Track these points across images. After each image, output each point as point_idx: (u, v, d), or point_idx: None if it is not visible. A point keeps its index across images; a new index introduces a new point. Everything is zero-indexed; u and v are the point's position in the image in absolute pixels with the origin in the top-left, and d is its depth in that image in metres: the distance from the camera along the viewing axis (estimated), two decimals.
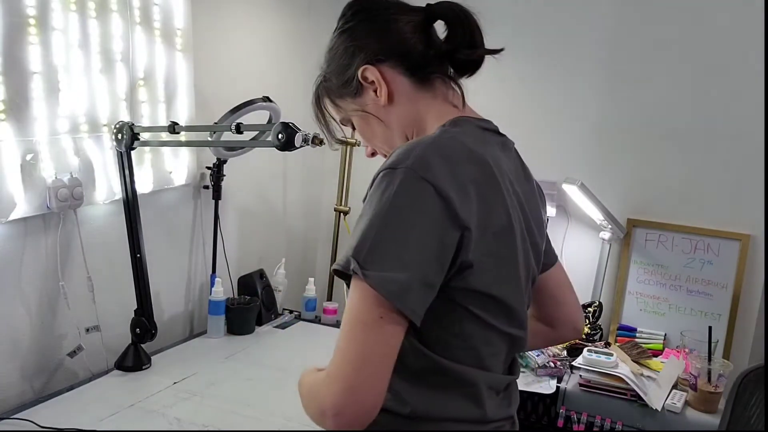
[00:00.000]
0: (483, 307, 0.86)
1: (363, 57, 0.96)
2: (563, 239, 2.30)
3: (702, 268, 2.13)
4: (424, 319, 0.81)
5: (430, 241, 0.78)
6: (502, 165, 0.91)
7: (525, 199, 0.95)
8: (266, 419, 1.49)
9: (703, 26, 2.09)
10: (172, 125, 1.59)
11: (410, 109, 0.97)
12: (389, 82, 0.95)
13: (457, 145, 0.85)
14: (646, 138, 2.20)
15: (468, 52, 0.95)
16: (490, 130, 0.95)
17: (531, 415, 1.91)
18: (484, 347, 0.89)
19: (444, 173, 0.80)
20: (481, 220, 0.82)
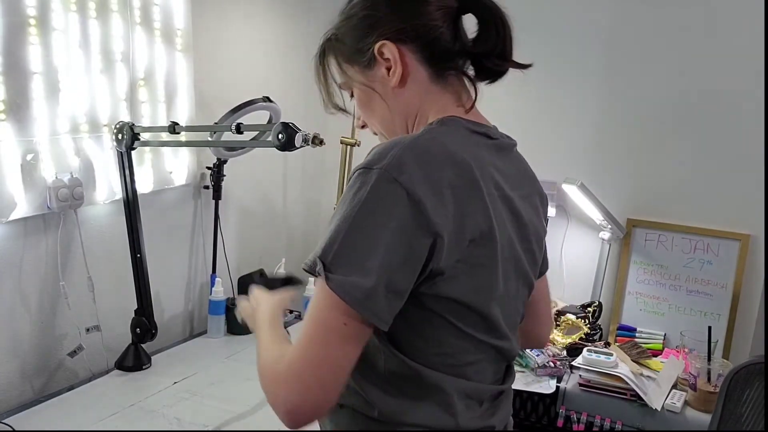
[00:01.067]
0: (457, 315, 0.84)
1: (384, 31, 0.90)
2: (563, 239, 2.31)
3: (702, 268, 2.13)
4: (397, 323, 0.80)
5: (399, 247, 0.76)
6: (489, 168, 0.86)
7: (521, 205, 0.92)
8: (266, 419, 1.49)
9: (703, 26, 2.09)
10: (173, 125, 1.59)
11: (418, 99, 0.92)
12: (405, 65, 0.90)
13: (436, 147, 0.81)
14: (646, 138, 2.20)
15: (497, 62, 0.91)
16: (479, 132, 0.90)
17: (531, 415, 1.91)
18: (460, 355, 0.87)
19: (419, 177, 0.77)
20: (457, 227, 0.79)
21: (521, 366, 1.96)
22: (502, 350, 0.92)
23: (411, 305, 0.81)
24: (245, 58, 2.20)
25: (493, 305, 0.87)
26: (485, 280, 0.85)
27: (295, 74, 2.39)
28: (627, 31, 2.17)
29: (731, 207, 2.11)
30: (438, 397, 0.86)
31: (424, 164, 0.78)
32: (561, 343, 2.06)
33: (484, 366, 0.91)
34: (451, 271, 0.80)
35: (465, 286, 0.82)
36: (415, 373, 0.85)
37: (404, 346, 0.85)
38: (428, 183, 0.77)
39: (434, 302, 0.82)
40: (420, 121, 0.93)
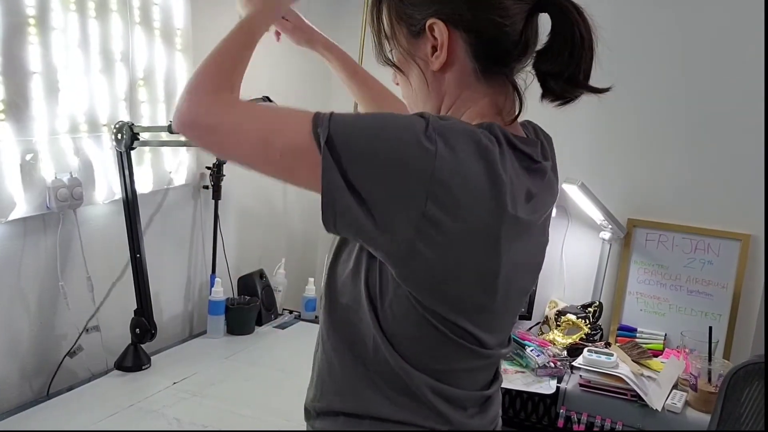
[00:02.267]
0: (449, 327, 0.83)
1: (444, 10, 0.82)
2: (563, 239, 2.30)
3: (702, 268, 2.13)
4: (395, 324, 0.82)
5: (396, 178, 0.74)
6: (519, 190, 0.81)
7: (538, 227, 0.89)
8: (266, 419, 1.49)
9: (703, 26, 2.09)
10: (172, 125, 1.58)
11: (456, 91, 0.86)
12: (452, 52, 0.83)
13: (489, 145, 0.77)
14: (647, 138, 2.20)
15: (564, 87, 0.84)
16: (523, 152, 0.83)
17: (531, 416, 1.91)
18: (450, 361, 0.86)
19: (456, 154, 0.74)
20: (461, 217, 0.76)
21: (521, 366, 1.96)
22: (492, 358, 0.91)
23: (404, 303, 0.82)
24: None
25: (483, 323, 0.85)
26: (472, 297, 0.82)
27: (295, 74, 2.39)
28: (627, 31, 2.17)
29: (731, 207, 2.10)
30: (422, 398, 0.86)
31: (471, 151, 0.75)
32: (561, 344, 2.06)
33: (473, 373, 0.91)
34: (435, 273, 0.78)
35: (450, 297, 0.81)
36: (401, 370, 0.84)
37: (393, 340, 0.84)
38: (458, 169, 0.74)
39: (422, 306, 0.81)
40: (455, 112, 0.87)
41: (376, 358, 0.85)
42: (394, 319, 0.83)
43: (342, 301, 0.88)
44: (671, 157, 2.17)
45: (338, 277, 0.89)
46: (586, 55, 0.84)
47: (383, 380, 0.86)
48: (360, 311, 0.85)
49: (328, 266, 0.91)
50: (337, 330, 0.89)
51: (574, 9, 0.83)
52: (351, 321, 0.87)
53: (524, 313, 2.23)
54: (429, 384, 0.85)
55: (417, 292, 0.81)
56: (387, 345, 0.84)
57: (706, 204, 2.14)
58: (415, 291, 0.81)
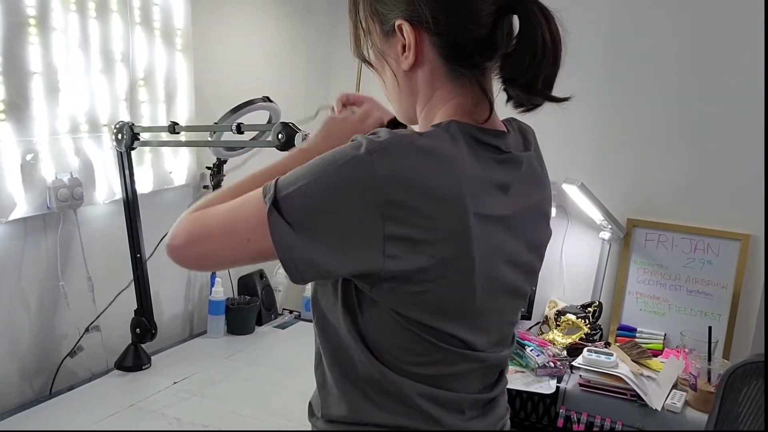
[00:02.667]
0: (427, 332, 0.82)
1: (412, 11, 0.82)
2: (563, 239, 2.30)
3: (702, 268, 2.13)
4: (373, 331, 0.82)
5: (345, 226, 0.75)
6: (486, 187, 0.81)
7: (522, 220, 0.87)
8: (266, 419, 1.49)
9: (703, 26, 2.09)
10: (172, 125, 1.59)
11: (429, 90, 0.86)
12: (420, 53, 0.83)
13: (431, 153, 0.76)
14: (646, 138, 2.20)
15: (520, 95, 0.83)
16: (489, 145, 0.83)
17: (531, 415, 1.91)
18: (436, 366, 0.85)
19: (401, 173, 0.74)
20: (418, 239, 0.75)
21: (521, 366, 1.96)
22: (487, 360, 0.90)
23: (384, 315, 0.81)
24: (245, 58, 2.20)
25: (468, 325, 0.84)
26: (448, 303, 0.81)
27: (295, 74, 2.39)
28: (627, 31, 2.17)
29: (731, 207, 2.11)
30: (415, 406, 0.85)
31: (412, 164, 0.74)
32: (561, 343, 2.06)
33: (467, 376, 0.89)
34: (402, 284, 0.78)
35: (421, 304, 0.80)
36: (389, 381, 0.84)
37: (378, 352, 0.84)
38: (404, 185, 0.74)
39: (403, 317, 0.81)
40: (429, 111, 0.87)
41: (363, 370, 0.85)
42: (376, 332, 0.83)
43: (327, 317, 0.89)
44: (671, 157, 2.17)
45: (320, 297, 0.90)
46: (548, 62, 0.81)
47: (373, 390, 0.86)
48: (341, 327, 0.86)
49: (312, 285, 0.91)
50: (325, 344, 0.90)
51: (541, 13, 0.81)
52: (335, 336, 0.88)
53: (524, 313, 2.23)
54: (419, 391, 0.85)
55: (395, 306, 0.81)
56: (371, 358, 0.84)
57: (705, 204, 2.14)
58: (393, 306, 0.81)
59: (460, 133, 0.80)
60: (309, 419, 0.96)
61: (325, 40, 2.49)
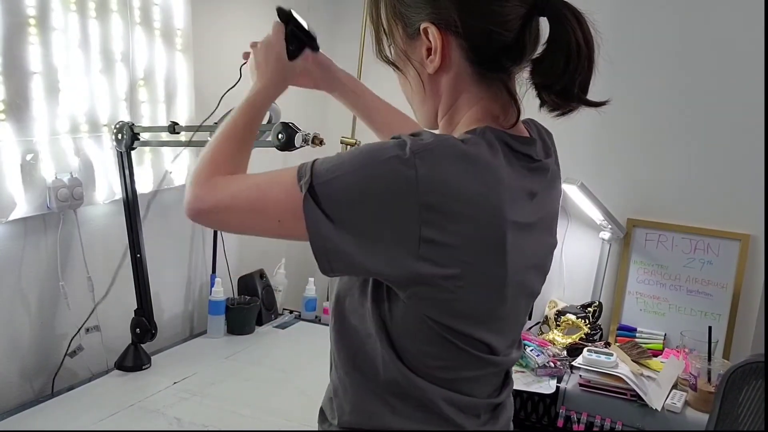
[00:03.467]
0: (453, 335, 0.81)
1: (438, 14, 0.80)
2: (563, 239, 2.30)
3: (702, 268, 2.13)
4: (398, 331, 0.81)
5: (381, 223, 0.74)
6: (520, 194, 0.80)
7: (543, 227, 0.88)
8: (266, 419, 1.49)
9: (703, 25, 2.09)
10: (172, 125, 1.59)
11: (454, 93, 0.84)
12: (446, 56, 0.81)
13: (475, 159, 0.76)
14: (646, 138, 2.20)
15: (556, 100, 0.82)
16: (521, 153, 0.82)
17: (531, 415, 1.91)
18: (457, 370, 0.85)
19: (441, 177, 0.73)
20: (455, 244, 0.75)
21: (521, 366, 1.96)
22: (502, 364, 0.90)
23: (414, 318, 0.80)
24: None
25: (493, 329, 0.84)
26: (480, 309, 0.81)
27: None
28: (627, 30, 2.17)
29: (731, 207, 2.11)
30: (438, 411, 0.85)
31: (454, 168, 0.73)
32: (561, 343, 2.06)
33: (483, 380, 0.89)
34: (435, 289, 0.77)
35: (452, 309, 0.79)
36: (413, 385, 0.84)
37: (404, 356, 0.83)
38: (446, 188, 0.73)
39: (434, 321, 0.80)
40: (453, 115, 0.86)
41: (385, 376, 0.84)
42: (403, 334, 0.82)
43: (350, 321, 0.87)
44: (671, 157, 2.17)
45: (344, 297, 0.88)
46: (583, 66, 0.80)
47: (394, 396, 0.85)
48: (368, 330, 0.84)
49: (336, 286, 0.90)
50: (344, 348, 0.88)
51: (573, 16, 0.79)
52: (359, 340, 0.86)
53: None
54: (442, 395, 0.84)
55: (427, 310, 0.80)
56: (397, 362, 0.83)
57: (705, 204, 2.14)
58: (425, 310, 0.80)
59: (496, 140, 0.79)
60: (320, 425, 0.94)
61: (325, 38, 2.48)
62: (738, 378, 1.50)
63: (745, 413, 1.50)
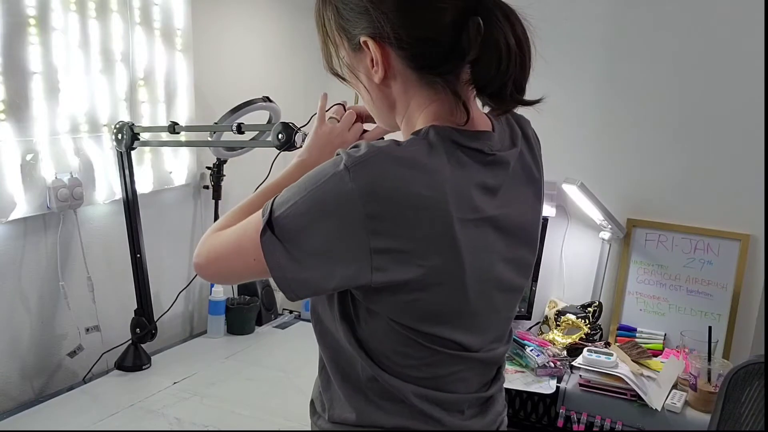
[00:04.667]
0: (418, 335, 0.83)
1: (369, 28, 0.81)
2: (563, 239, 2.30)
3: (702, 268, 2.13)
4: (367, 334, 0.83)
5: (333, 243, 0.76)
6: (471, 190, 0.79)
7: (512, 218, 0.86)
8: (266, 419, 1.49)
9: (703, 25, 2.09)
10: (172, 125, 1.59)
11: (404, 99, 0.85)
12: (389, 66, 0.83)
13: (411, 164, 0.76)
14: (646, 138, 2.20)
15: (490, 102, 0.81)
16: (471, 148, 0.81)
17: (531, 415, 1.91)
18: (431, 368, 0.86)
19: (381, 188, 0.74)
20: (404, 249, 0.76)
21: (521, 366, 1.96)
22: (484, 359, 0.90)
23: (380, 322, 0.82)
24: (245, 58, 2.20)
25: (463, 327, 0.84)
26: (441, 308, 0.81)
27: (295, 74, 2.39)
28: (627, 31, 2.17)
29: (731, 207, 2.11)
30: (414, 407, 0.86)
31: (391, 176, 0.74)
32: (561, 343, 2.06)
33: (464, 376, 0.89)
34: (395, 293, 0.78)
35: (413, 311, 0.80)
36: (389, 384, 0.85)
37: (375, 356, 0.85)
38: (386, 198, 0.74)
39: (398, 324, 0.82)
40: (409, 119, 0.87)
41: (363, 375, 0.87)
42: (372, 337, 0.84)
43: (325, 325, 0.90)
44: (671, 157, 2.17)
45: (316, 303, 0.91)
46: (515, 67, 0.78)
47: (375, 394, 0.87)
48: (339, 334, 0.87)
49: None
50: (325, 349, 0.91)
51: (504, 17, 0.78)
52: (334, 341, 0.89)
53: (524, 312, 2.23)
54: (418, 393, 0.86)
55: (390, 314, 0.81)
56: (370, 363, 0.85)
57: (705, 204, 2.14)
58: (388, 313, 0.81)
59: (440, 138, 0.80)
60: (311, 417, 0.96)
61: None
62: (740, 378, 1.50)
63: (747, 413, 1.50)
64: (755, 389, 1.50)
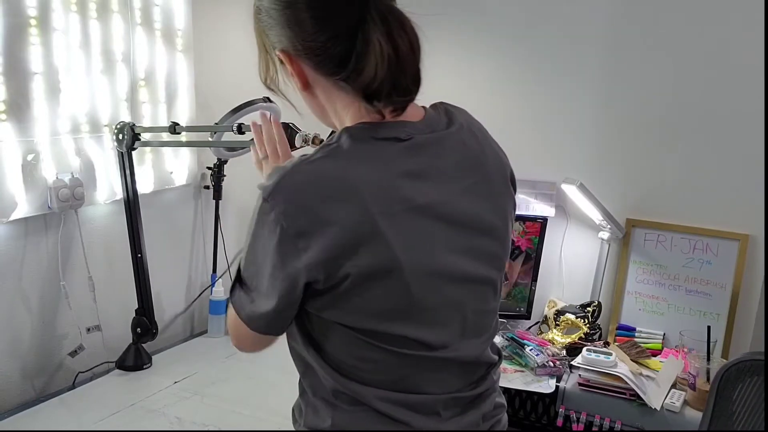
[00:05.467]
0: (371, 336, 0.84)
1: (278, 43, 0.87)
2: (562, 239, 2.31)
3: (701, 268, 2.14)
4: (323, 343, 0.87)
5: (276, 273, 0.82)
6: (395, 181, 0.81)
7: (453, 204, 0.86)
8: (266, 419, 1.50)
9: (703, 25, 2.10)
10: (173, 125, 1.59)
11: (329, 103, 0.90)
12: (303, 75, 0.88)
13: (320, 174, 0.80)
14: (646, 138, 2.20)
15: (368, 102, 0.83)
16: (387, 138, 0.83)
17: (530, 415, 1.92)
18: (393, 370, 0.86)
19: (294, 208, 0.79)
20: (335, 256, 0.79)
21: (520, 365, 1.97)
22: (458, 359, 0.90)
23: (325, 324, 0.86)
24: (245, 58, 2.19)
25: (416, 322, 0.84)
26: (384, 305, 0.82)
27: None
28: (627, 30, 2.17)
29: (731, 207, 2.11)
30: (380, 410, 0.87)
31: (301, 193, 0.79)
32: (560, 343, 2.07)
33: (439, 376, 0.89)
34: (338, 299, 0.82)
35: (358, 312, 0.83)
36: (352, 391, 0.87)
37: (338, 366, 0.87)
38: (302, 214, 0.78)
39: (349, 328, 0.84)
40: (340, 120, 0.90)
41: (327, 384, 0.89)
42: (330, 347, 0.87)
43: (291, 343, 0.96)
44: (670, 157, 2.17)
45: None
46: (392, 71, 0.81)
47: (343, 402, 0.89)
48: (303, 351, 0.91)
49: None
50: (296, 360, 0.96)
51: (382, 22, 0.80)
52: (301, 354, 0.93)
53: (524, 312, 2.24)
54: (381, 396, 0.87)
55: (339, 318, 0.84)
56: (331, 372, 0.87)
57: (704, 204, 2.14)
58: (338, 318, 0.84)
59: (354, 139, 0.83)
60: (293, 425, 0.99)
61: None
62: (732, 376, 1.50)
63: (739, 411, 1.50)
64: (748, 386, 1.49)
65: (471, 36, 2.32)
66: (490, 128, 0.98)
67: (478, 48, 2.32)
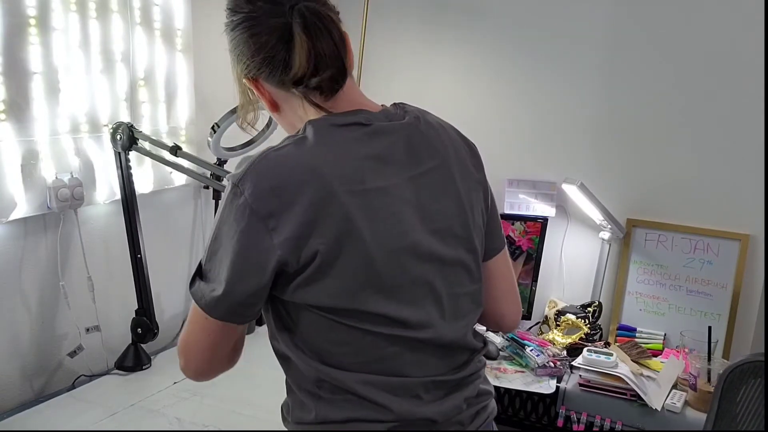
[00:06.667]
0: (342, 315, 0.86)
1: (237, 69, 0.94)
2: (563, 239, 2.31)
3: (702, 268, 2.13)
4: (299, 331, 0.88)
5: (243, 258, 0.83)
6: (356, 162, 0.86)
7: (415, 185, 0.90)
8: (266, 419, 1.49)
9: (702, 24, 2.09)
10: (175, 148, 1.61)
11: (296, 116, 0.93)
12: (267, 93, 0.93)
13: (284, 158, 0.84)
14: (646, 138, 2.20)
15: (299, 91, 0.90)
16: (349, 124, 0.89)
17: (531, 415, 1.92)
18: (368, 352, 0.88)
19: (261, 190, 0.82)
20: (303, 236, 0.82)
21: (521, 366, 1.96)
22: (437, 341, 0.91)
23: (300, 313, 0.87)
24: None
25: (380, 297, 0.86)
26: (353, 282, 0.85)
27: None
28: (627, 31, 2.17)
29: (731, 207, 2.11)
30: (360, 395, 0.88)
31: (269, 177, 0.83)
32: (561, 343, 2.06)
33: (418, 358, 0.90)
34: (309, 279, 0.84)
35: (329, 290, 0.85)
36: (332, 377, 0.88)
37: (317, 354, 0.89)
38: (271, 196, 0.82)
39: (313, 308, 0.86)
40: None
41: (308, 374, 0.90)
42: (309, 337, 0.88)
43: (273, 341, 0.97)
44: (670, 157, 2.17)
45: (267, 321, 0.97)
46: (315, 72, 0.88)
47: (325, 391, 0.90)
48: (282, 346, 0.93)
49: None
50: (277, 355, 0.97)
51: (302, 27, 0.86)
52: (280, 348, 0.94)
53: (524, 312, 2.23)
54: (363, 380, 0.88)
55: (311, 300, 0.85)
56: (310, 360, 0.89)
57: (705, 204, 2.14)
58: (309, 300, 0.85)
59: (317, 127, 0.87)
60: (283, 423, 1.01)
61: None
62: (736, 377, 1.50)
63: (743, 412, 1.50)
64: (751, 388, 1.50)
65: (471, 36, 2.32)
66: (491, 129, 0.99)
67: (478, 49, 2.32)
